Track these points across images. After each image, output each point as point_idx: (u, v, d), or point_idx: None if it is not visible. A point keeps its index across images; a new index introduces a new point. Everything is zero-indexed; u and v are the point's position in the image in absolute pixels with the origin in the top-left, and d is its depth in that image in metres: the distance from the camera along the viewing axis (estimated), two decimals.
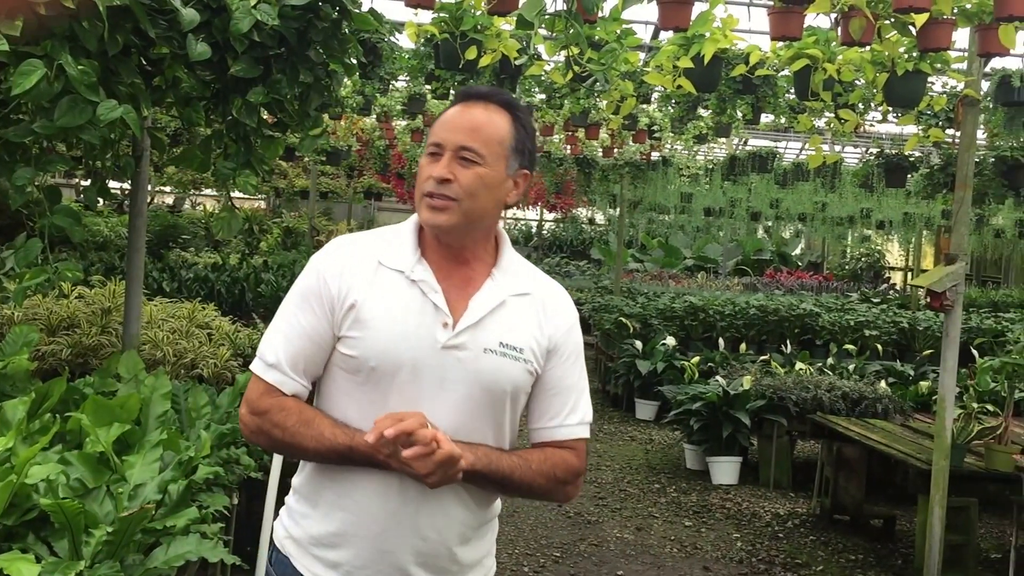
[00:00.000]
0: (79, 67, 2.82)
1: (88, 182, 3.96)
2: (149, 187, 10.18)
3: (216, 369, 4.65)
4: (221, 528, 3.09)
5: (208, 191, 17.39)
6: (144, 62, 3.27)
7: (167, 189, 18.19)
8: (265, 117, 3.72)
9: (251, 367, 1.83)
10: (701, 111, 7.87)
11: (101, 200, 4.19)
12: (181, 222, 12.87)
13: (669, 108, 8.12)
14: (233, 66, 3.19)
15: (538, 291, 1.86)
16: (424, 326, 1.75)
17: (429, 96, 8.31)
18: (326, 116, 7.93)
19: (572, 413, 1.86)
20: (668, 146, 11.60)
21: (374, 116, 9.80)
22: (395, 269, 1.78)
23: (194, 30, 3.04)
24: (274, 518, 3.82)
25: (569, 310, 1.89)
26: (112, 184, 5.59)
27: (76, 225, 3.42)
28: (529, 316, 1.83)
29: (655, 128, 9.13)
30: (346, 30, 3.57)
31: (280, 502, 1.83)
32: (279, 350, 1.78)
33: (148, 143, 4.20)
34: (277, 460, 3.83)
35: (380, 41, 6.06)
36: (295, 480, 1.87)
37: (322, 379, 1.83)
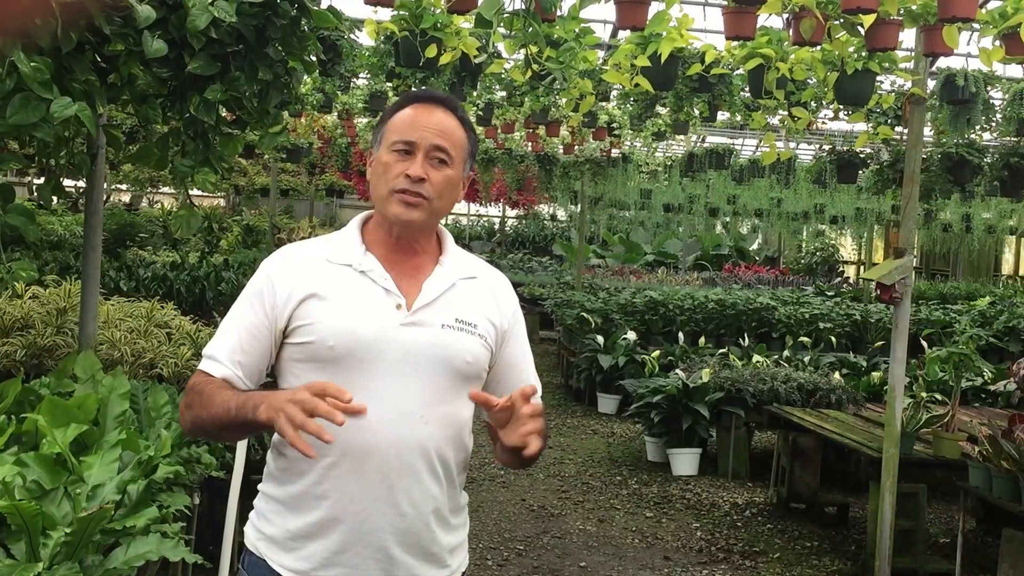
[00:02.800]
0: (32, 64, 2.80)
1: (42, 180, 3.93)
2: (105, 185, 10.05)
3: (176, 368, 4.62)
4: (182, 527, 3.09)
5: (166, 189, 17.22)
6: (99, 59, 3.25)
7: (124, 187, 17.98)
8: (224, 114, 3.71)
9: None
10: (659, 109, 7.95)
11: (55, 198, 4.17)
12: (138, 220, 12.73)
13: (628, 106, 8.18)
14: (190, 63, 3.19)
15: (483, 276, 1.97)
16: (377, 308, 1.83)
17: (390, 94, 8.31)
18: (286, 113, 7.91)
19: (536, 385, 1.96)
20: (628, 143, 11.68)
21: (335, 114, 9.77)
22: (342, 264, 1.86)
23: (150, 27, 3.03)
24: (237, 517, 3.84)
25: (512, 294, 2.02)
26: (67, 182, 5.53)
27: (30, 224, 3.40)
28: (479, 297, 1.93)
29: (614, 125, 9.19)
30: (305, 27, 3.57)
31: (244, 501, 1.85)
32: (216, 343, 1.87)
33: (103, 141, 4.17)
34: (240, 459, 3.84)
35: (340, 39, 6.05)
36: (262, 484, 1.90)
37: (281, 379, 1.88)
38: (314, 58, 3.89)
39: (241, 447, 3.79)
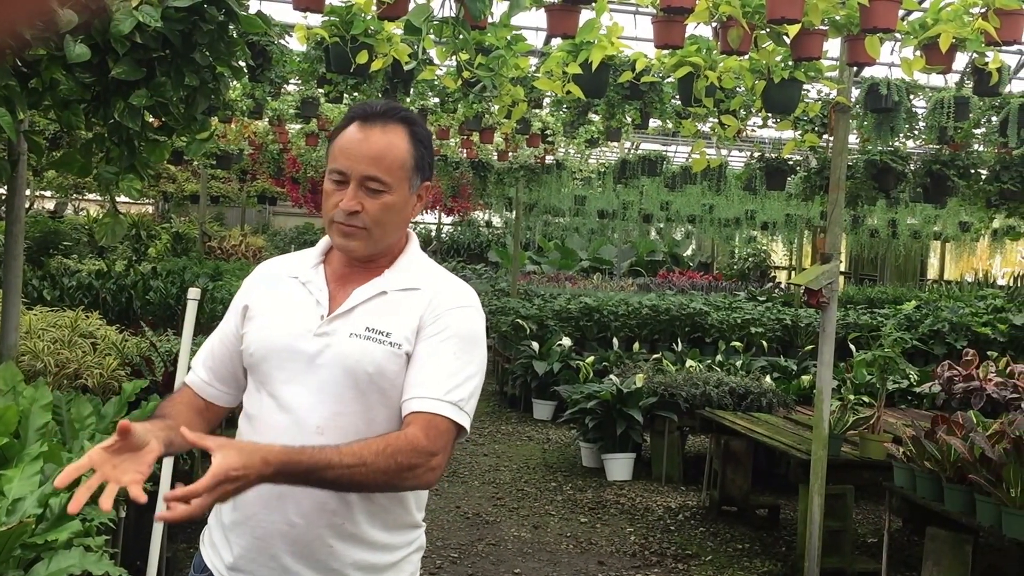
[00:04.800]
0: None
1: None
2: (28, 192, 9.78)
3: (102, 379, 4.52)
4: (107, 541, 3.02)
5: (92, 196, 16.83)
6: (19, 63, 3.17)
7: (48, 194, 17.51)
8: (150, 120, 3.64)
9: None
10: (592, 116, 8.01)
11: None
12: (63, 228, 12.42)
13: (561, 113, 8.23)
14: (114, 68, 3.12)
15: (431, 287, 1.86)
16: (303, 318, 1.85)
17: (322, 100, 8.25)
18: (215, 119, 7.77)
19: (433, 387, 1.75)
20: (561, 150, 11.75)
21: (266, 120, 9.65)
22: (293, 276, 1.92)
23: (72, 31, 2.97)
24: (164, 530, 3.75)
25: (453, 297, 1.85)
26: None
27: None
28: (410, 307, 1.83)
29: (548, 132, 9.25)
30: (233, 33, 3.53)
31: None
32: (199, 353, 2.00)
33: (25, 147, 4.07)
34: (166, 471, 3.76)
35: (269, 44, 5.98)
36: None
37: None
38: (243, 64, 3.84)
39: (168, 460, 3.71)
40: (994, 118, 6.98)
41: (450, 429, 1.74)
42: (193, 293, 3.63)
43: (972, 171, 7.88)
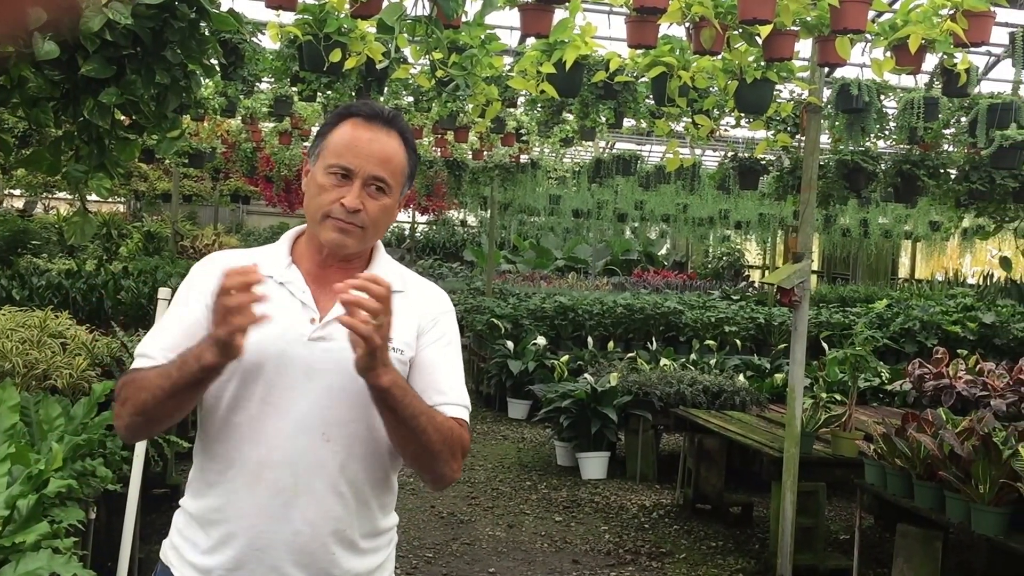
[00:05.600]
0: None
1: None
2: None
3: (72, 380, 4.47)
4: (76, 543, 2.99)
5: (62, 194, 16.66)
6: None
7: (17, 192, 17.32)
8: (120, 118, 3.61)
9: None
10: (566, 115, 8.02)
11: None
12: (32, 227, 12.27)
13: (535, 112, 8.23)
14: (84, 66, 3.09)
15: (411, 289, 1.90)
16: (291, 321, 1.79)
17: (296, 98, 8.20)
18: (186, 118, 7.71)
19: (452, 393, 1.85)
20: (536, 149, 11.75)
21: (239, 118, 9.58)
22: (265, 275, 1.79)
23: (41, 28, 2.93)
24: (135, 531, 3.72)
25: (440, 301, 1.94)
26: None
27: None
28: (403, 312, 1.82)
29: (522, 131, 9.25)
30: (205, 30, 3.49)
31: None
32: (149, 342, 1.81)
33: None
34: (137, 472, 3.73)
35: (242, 42, 5.94)
36: (182, 499, 1.88)
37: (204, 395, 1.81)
38: (215, 62, 3.81)
39: (138, 461, 3.69)
40: (963, 119, 7.05)
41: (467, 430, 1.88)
42: (164, 293, 3.61)
43: (942, 171, 7.96)
